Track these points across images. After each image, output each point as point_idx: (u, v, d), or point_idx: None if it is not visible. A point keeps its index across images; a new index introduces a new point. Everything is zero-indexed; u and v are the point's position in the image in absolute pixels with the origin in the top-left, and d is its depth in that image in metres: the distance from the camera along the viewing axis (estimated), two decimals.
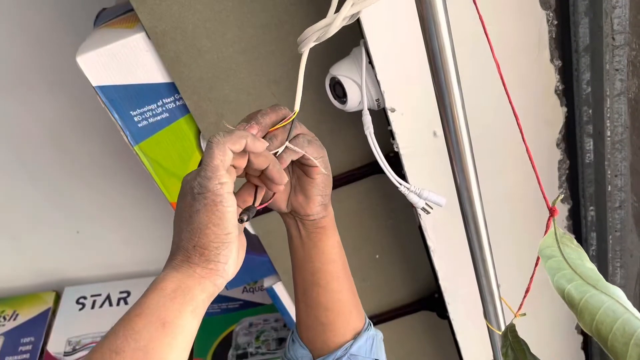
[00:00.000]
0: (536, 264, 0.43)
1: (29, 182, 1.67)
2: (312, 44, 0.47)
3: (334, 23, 0.44)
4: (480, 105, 0.71)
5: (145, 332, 0.40)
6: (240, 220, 0.47)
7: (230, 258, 0.43)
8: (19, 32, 1.41)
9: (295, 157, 0.52)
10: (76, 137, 1.59)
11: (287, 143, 0.50)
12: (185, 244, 0.44)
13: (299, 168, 0.56)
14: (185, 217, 0.44)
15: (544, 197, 0.42)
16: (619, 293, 0.37)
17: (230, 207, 0.43)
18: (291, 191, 0.56)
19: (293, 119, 0.51)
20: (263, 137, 0.50)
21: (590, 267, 0.39)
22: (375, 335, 0.64)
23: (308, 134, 0.54)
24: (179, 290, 0.42)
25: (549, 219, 0.41)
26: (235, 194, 0.49)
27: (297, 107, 0.51)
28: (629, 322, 0.36)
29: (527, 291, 0.47)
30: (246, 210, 0.49)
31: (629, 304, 0.37)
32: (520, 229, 0.90)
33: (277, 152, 0.51)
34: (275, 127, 0.51)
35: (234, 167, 0.47)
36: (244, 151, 0.46)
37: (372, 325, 0.65)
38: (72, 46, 0.85)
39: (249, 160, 0.48)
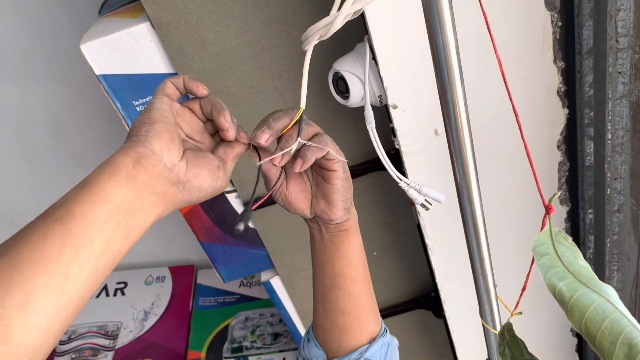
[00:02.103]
0: (532, 264, 0.43)
1: (29, 169, 1.67)
2: (315, 42, 0.47)
3: (335, 21, 0.44)
4: (482, 104, 0.71)
5: (70, 192, 0.43)
6: (237, 230, 0.50)
7: (150, 132, 0.46)
8: (23, 19, 1.41)
9: (319, 154, 0.52)
10: (78, 125, 1.59)
11: (299, 139, 0.51)
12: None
13: (319, 174, 0.56)
14: None
15: (540, 194, 0.42)
16: (610, 292, 0.38)
17: (155, 106, 0.49)
18: (313, 198, 0.57)
19: (301, 116, 0.51)
20: (278, 139, 0.52)
21: (584, 265, 0.39)
22: (390, 342, 0.64)
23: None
24: (105, 161, 0.45)
25: (544, 216, 0.42)
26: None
27: (302, 104, 0.51)
28: (617, 321, 0.36)
29: (523, 289, 0.48)
30: (241, 218, 0.50)
31: (619, 303, 0.37)
32: (518, 229, 0.90)
33: (291, 149, 0.51)
34: (286, 129, 0.52)
35: (191, 110, 0.52)
36: (195, 97, 0.52)
37: (387, 331, 0.65)
38: (76, 34, 0.85)
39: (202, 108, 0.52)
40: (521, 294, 0.48)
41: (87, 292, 0.41)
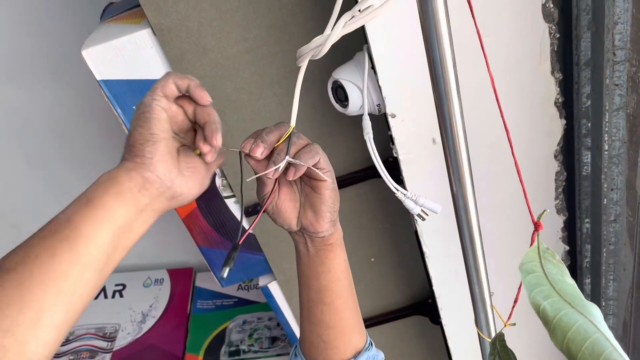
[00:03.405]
0: None
1: (29, 171, 1.68)
2: (308, 59, 0.49)
3: (327, 42, 0.46)
4: (479, 115, 0.72)
5: (72, 206, 0.45)
6: (221, 277, 0.52)
7: (155, 154, 0.47)
8: (26, 22, 1.42)
9: (311, 163, 0.53)
10: (78, 128, 1.59)
11: (287, 157, 0.52)
12: (124, 148, 0.49)
13: (307, 184, 0.56)
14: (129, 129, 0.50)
15: (530, 211, 0.43)
16: (594, 312, 0.38)
17: (155, 115, 0.48)
18: (301, 209, 0.57)
19: (290, 134, 0.53)
20: (270, 154, 0.53)
21: (570, 283, 0.40)
22: (376, 356, 0.65)
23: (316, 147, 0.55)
24: (109, 178, 0.47)
25: (533, 233, 0.42)
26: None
27: (292, 123, 0.53)
28: (598, 342, 0.36)
29: (515, 301, 0.48)
30: (227, 260, 0.52)
31: (602, 324, 0.37)
32: (514, 239, 0.91)
33: (280, 166, 0.52)
34: (279, 142, 0.53)
35: (183, 108, 0.51)
36: (193, 100, 0.51)
37: (373, 345, 0.65)
38: (78, 38, 0.86)
39: (196, 113, 0.52)
40: (513, 306, 0.48)
41: (89, 302, 0.44)
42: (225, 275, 0.51)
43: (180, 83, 0.50)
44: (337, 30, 0.44)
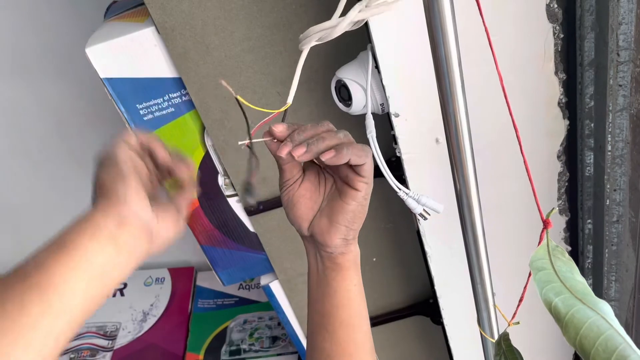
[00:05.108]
0: (529, 275, 0.43)
1: (31, 169, 1.68)
2: (313, 43, 0.47)
3: (338, 26, 0.45)
4: (483, 114, 0.72)
5: (43, 251, 0.42)
6: (249, 208, 0.49)
7: (127, 190, 0.45)
8: (29, 20, 1.42)
9: (354, 160, 0.49)
10: (81, 126, 1.59)
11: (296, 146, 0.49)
12: (92, 194, 0.48)
13: (338, 187, 0.53)
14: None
15: (539, 210, 0.43)
16: (605, 308, 0.38)
17: (122, 160, 0.47)
18: (318, 213, 0.54)
19: (285, 111, 0.51)
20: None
21: (580, 281, 0.40)
22: None
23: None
24: (83, 220, 0.44)
25: (542, 231, 0.42)
26: None
27: (289, 100, 0.50)
28: (611, 339, 0.36)
29: (520, 300, 0.48)
30: (246, 190, 0.49)
31: (614, 321, 0.37)
32: (518, 239, 0.91)
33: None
34: (268, 119, 0.50)
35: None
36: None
37: None
38: (81, 36, 0.86)
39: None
40: (518, 305, 0.48)
41: (61, 349, 0.40)
42: (252, 201, 0.50)
43: (142, 137, 0.50)
44: (354, 12, 0.44)
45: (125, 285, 1.79)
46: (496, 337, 0.65)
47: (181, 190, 0.53)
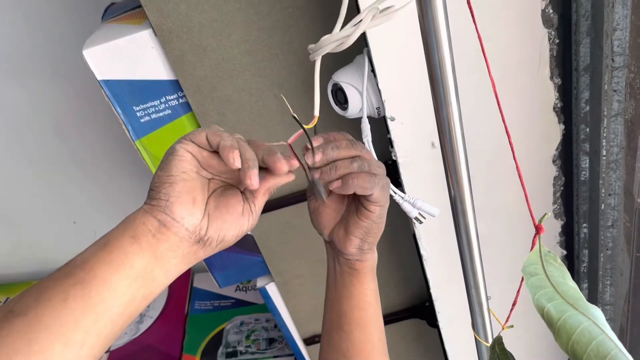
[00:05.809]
0: (522, 280, 0.43)
1: (29, 170, 1.68)
2: (325, 52, 0.48)
3: (352, 35, 0.45)
4: (479, 119, 0.72)
5: (90, 248, 0.43)
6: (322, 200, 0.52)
7: (171, 196, 0.44)
8: (27, 22, 1.42)
9: (360, 191, 0.51)
10: (78, 128, 1.60)
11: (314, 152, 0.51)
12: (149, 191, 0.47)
13: (355, 204, 0.55)
14: None
15: (531, 214, 0.43)
16: (597, 313, 0.38)
17: (177, 156, 0.46)
18: (340, 221, 0.56)
19: (312, 127, 0.52)
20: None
21: (572, 286, 0.40)
22: None
23: (383, 177, 0.53)
24: (127, 220, 0.45)
25: (535, 236, 0.42)
26: None
27: (316, 112, 0.51)
28: (603, 344, 0.36)
29: (513, 305, 0.48)
30: (311, 189, 0.52)
31: (606, 326, 0.38)
32: (512, 243, 0.91)
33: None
34: (294, 138, 0.51)
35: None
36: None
37: None
38: (79, 38, 0.86)
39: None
40: (512, 309, 0.49)
41: (99, 354, 0.41)
42: (325, 197, 0.52)
43: (212, 139, 0.47)
44: (366, 20, 0.44)
45: None
46: (490, 341, 0.65)
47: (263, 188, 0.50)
